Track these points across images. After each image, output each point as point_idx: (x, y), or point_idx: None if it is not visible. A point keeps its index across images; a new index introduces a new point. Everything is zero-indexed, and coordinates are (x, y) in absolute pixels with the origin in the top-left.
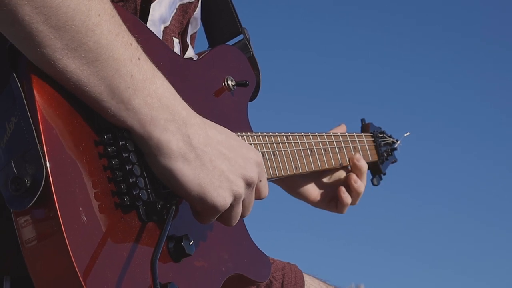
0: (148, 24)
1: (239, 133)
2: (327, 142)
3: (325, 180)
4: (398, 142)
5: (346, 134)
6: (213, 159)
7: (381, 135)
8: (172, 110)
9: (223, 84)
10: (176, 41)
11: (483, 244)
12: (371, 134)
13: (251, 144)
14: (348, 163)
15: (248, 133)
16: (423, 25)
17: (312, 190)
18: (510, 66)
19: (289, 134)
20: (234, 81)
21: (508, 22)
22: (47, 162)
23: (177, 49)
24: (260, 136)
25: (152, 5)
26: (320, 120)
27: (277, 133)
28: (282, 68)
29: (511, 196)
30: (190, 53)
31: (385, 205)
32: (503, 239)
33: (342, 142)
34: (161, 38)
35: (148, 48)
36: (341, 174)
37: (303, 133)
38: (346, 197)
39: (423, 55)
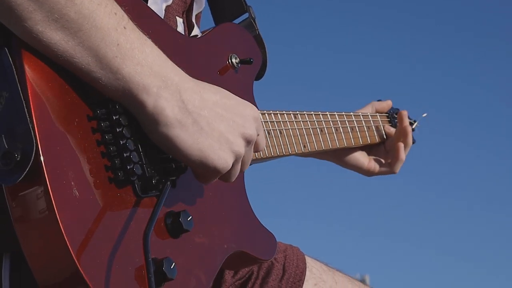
0: (149, 3)
1: None
2: (338, 122)
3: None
4: (416, 123)
5: (360, 113)
6: (211, 121)
7: (397, 115)
8: (164, 77)
9: (227, 62)
10: (180, 20)
11: (492, 236)
12: (387, 115)
13: None
14: (360, 143)
15: None
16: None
17: (363, 158)
18: None
19: (297, 112)
20: (238, 59)
21: None
22: (37, 136)
23: (180, 28)
24: (266, 114)
25: None
26: (339, 102)
27: (284, 111)
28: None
29: None
30: (196, 32)
31: (394, 195)
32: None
33: (355, 121)
34: (163, 17)
35: (148, 26)
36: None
37: (312, 112)
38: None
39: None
